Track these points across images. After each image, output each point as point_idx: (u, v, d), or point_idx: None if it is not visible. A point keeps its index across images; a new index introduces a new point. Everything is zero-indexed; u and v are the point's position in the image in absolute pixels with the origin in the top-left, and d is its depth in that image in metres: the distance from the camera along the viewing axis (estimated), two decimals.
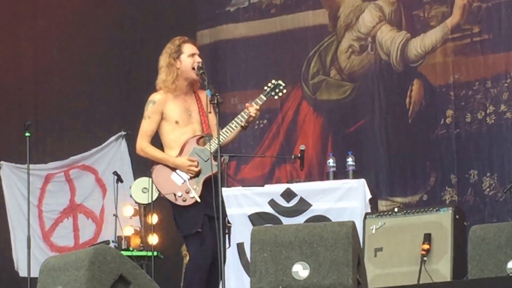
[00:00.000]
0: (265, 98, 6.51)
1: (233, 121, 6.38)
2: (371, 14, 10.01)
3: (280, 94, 6.59)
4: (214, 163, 6.27)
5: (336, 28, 10.19)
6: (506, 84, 9.30)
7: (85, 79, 10.50)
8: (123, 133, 10.37)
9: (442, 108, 9.59)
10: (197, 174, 6.30)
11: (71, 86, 10.44)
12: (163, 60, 6.47)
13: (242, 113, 6.40)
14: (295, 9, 10.32)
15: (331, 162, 8.49)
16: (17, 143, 8.66)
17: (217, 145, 6.25)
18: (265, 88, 6.56)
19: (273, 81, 6.58)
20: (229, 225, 6.35)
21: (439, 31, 9.69)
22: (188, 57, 6.42)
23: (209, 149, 6.31)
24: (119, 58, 10.69)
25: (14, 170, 9.99)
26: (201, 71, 6.35)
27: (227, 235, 6.38)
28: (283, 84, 6.58)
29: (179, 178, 6.31)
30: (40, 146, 10.18)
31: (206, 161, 6.28)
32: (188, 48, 6.45)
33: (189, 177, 6.30)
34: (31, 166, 8.93)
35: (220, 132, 6.30)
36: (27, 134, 8.05)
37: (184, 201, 6.28)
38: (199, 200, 6.25)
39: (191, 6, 10.66)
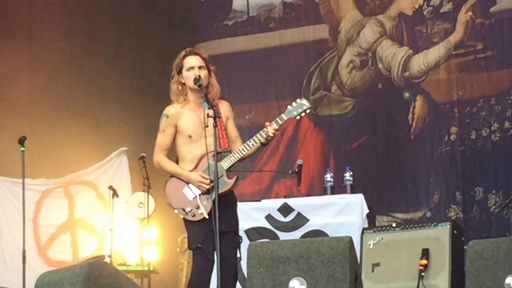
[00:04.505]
0: (285, 118, 6.30)
1: (251, 139, 6.26)
2: (372, 29, 10.01)
3: (303, 114, 6.33)
4: (227, 180, 6.25)
5: (337, 43, 10.19)
6: (509, 101, 9.26)
7: (85, 94, 10.51)
8: (124, 148, 10.37)
9: (446, 125, 9.56)
10: (209, 190, 6.26)
11: (71, 101, 10.45)
12: (173, 70, 6.46)
13: (261, 131, 6.27)
14: (295, 24, 10.34)
15: (328, 177, 8.47)
16: (16, 157, 8.64)
17: (232, 162, 6.22)
18: (288, 107, 6.36)
19: (298, 100, 6.36)
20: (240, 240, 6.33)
21: (442, 47, 9.67)
22: (187, 71, 6.38)
23: (223, 166, 6.23)
24: (119, 73, 10.71)
25: (8, 184, 9.97)
26: (198, 83, 6.30)
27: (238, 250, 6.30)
28: (308, 105, 6.33)
29: (190, 193, 6.26)
30: (39, 161, 10.16)
31: (219, 178, 6.17)
32: (187, 62, 6.39)
33: (200, 192, 6.26)
34: (29, 181, 8.91)
35: (237, 150, 6.26)
36: (22, 148, 8.02)
37: (193, 216, 6.23)
38: (207, 216, 6.18)
39: (189, 20, 10.69)
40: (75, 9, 10.61)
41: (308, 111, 6.38)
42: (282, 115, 6.34)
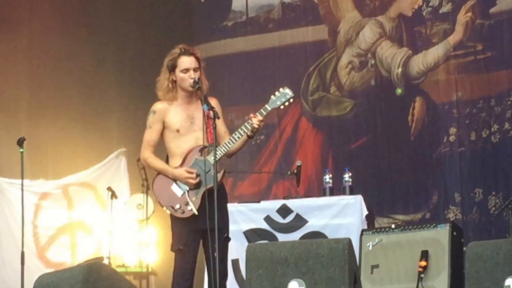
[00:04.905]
0: (269, 109, 6.29)
1: (236, 132, 6.24)
2: (372, 30, 9.98)
3: (287, 103, 6.33)
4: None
5: (336, 44, 10.17)
6: (509, 102, 9.24)
7: (84, 95, 10.51)
8: (123, 149, 10.37)
9: (445, 126, 9.53)
10: (197, 186, 6.22)
11: (70, 102, 10.45)
12: (164, 66, 6.39)
13: (246, 123, 6.25)
14: (294, 25, 10.31)
15: (327, 178, 8.47)
16: (14, 158, 8.65)
17: (219, 156, 6.20)
18: (272, 97, 6.34)
19: (281, 90, 6.34)
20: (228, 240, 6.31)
21: (441, 48, 9.64)
22: (181, 72, 6.33)
23: (210, 160, 6.20)
24: (119, 74, 10.70)
25: (7, 185, 9.97)
26: (196, 86, 6.27)
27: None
28: (291, 94, 6.31)
29: (179, 190, 6.23)
30: (38, 162, 10.16)
31: (207, 173, 6.17)
32: (182, 63, 6.32)
33: (188, 189, 6.22)
34: (27, 182, 8.91)
35: (224, 143, 6.24)
36: (21, 150, 8.01)
37: (183, 213, 6.21)
38: (196, 212, 6.16)
39: (188, 21, 10.68)
40: (75, 9, 10.61)
41: (291, 100, 6.35)
42: (266, 105, 6.33)
